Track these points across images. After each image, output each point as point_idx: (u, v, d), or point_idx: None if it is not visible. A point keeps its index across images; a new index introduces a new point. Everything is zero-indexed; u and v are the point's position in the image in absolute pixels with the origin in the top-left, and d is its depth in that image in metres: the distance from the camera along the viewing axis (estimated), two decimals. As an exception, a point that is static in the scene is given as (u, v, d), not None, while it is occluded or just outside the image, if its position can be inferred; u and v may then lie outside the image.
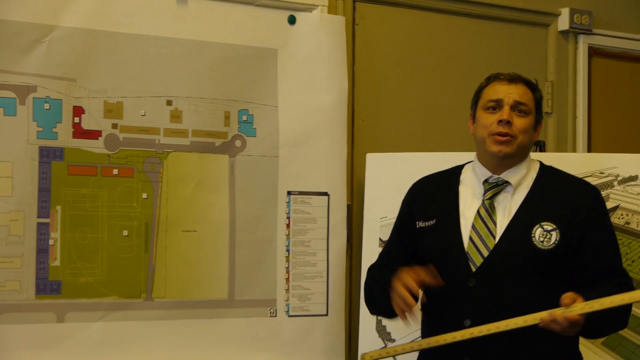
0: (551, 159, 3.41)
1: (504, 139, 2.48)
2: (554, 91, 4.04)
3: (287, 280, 3.18)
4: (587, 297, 2.26)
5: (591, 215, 2.47)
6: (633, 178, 3.23)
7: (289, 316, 3.19)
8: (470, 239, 2.49)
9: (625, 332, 3.10)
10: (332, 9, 3.38)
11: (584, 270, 2.44)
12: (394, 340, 3.17)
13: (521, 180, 2.53)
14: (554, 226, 2.44)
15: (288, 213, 3.20)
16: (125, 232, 2.93)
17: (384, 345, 3.18)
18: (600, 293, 2.29)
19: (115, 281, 2.91)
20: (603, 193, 3.21)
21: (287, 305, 3.19)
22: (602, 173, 3.26)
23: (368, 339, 3.20)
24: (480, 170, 2.57)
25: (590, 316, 2.26)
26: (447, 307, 2.51)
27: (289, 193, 3.21)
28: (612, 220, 3.16)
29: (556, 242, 2.43)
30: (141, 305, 2.95)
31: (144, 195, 2.97)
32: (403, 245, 2.65)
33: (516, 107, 2.50)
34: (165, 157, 3.01)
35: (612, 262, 2.46)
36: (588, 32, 4.09)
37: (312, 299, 3.22)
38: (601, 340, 3.11)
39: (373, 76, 3.58)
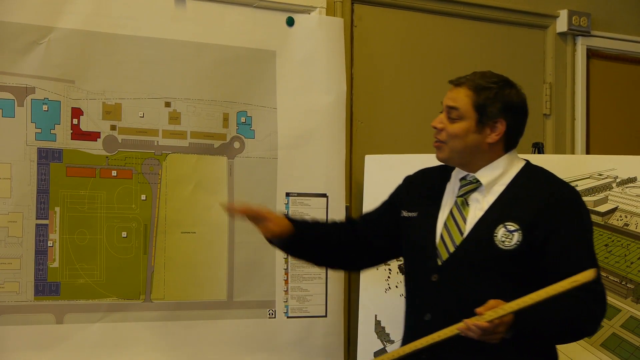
0: (550, 160, 3.42)
1: (436, 144, 2.53)
2: (553, 93, 4.05)
3: (286, 281, 3.18)
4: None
5: (557, 217, 2.44)
6: (632, 180, 3.23)
7: (288, 317, 3.19)
8: (441, 235, 2.52)
9: (625, 334, 3.10)
10: (330, 11, 3.39)
11: (547, 273, 2.40)
12: (392, 342, 3.17)
13: (495, 180, 2.52)
14: (517, 227, 2.43)
15: (287, 214, 3.20)
16: (124, 234, 2.93)
17: (382, 346, 3.18)
18: (555, 300, 2.26)
19: (114, 282, 2.91)
20: (601, 195, 3.21)
21: (286, 306, 3.19)
22: (600, 175, 3.26)
23: (367, 340, 3.20)
24: (460, 168, 2.60)
25: (523, 322, 2.26)
26: (414, 300, 2.58)
27: (287, 194, 3.21)
28: (610, 222, 3.17)
29: (518, 242, 2.42)
30: (140, 306, 2.95)
31: (143, 197, 2.97)
32: (380, 216, 2.72)
33: (449, 112, 2.52)
34: (163, 158, 3.01)
35: (577, 266, 2.35)
36: (586, 34, 4.09)
37: (310, 301, 3.22)
38: (600, 341, 3.11)
39: (371, 78, 3.59)
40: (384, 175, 3.28)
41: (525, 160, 2.61)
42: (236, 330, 3.09)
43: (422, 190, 2.66)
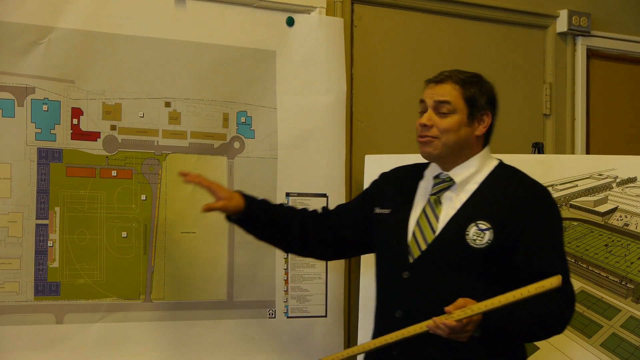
0: (549, 160, 3.42)
1: (425, 140, 2.55)
2: (553, 93, 4.05)
3: (286, 281, 3.18)
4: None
5: (528, 217, 2.47)
6: (632, 180, 3.23)
7: (288, 317, 3.19)
8: (413, 232, 2.54)
9: (625, 334, 3.10)
10: (330, 11, 3.39)
11: (517, 272, 2.44)
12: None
13: (469, 179, 2.56)
14: (489, 225, 2.46)
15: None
16: (124, 234, 2.93)
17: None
18: (524, 300, 2.30)
19: (114, 282, 2.91)
20: (601, 195, 3.21)
21: (286, 306, 3.19)
22: (600, 175, 3.26)
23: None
24: (434, 166, 2.63)
25: (491, 321, 2.30)
26: (384, 296, 2.62)
27: (287, 194, 3.21)
28: (610, 222, 3.17)
29: (489, 241, 2.45)
30: (140, 306, 2.95)
31: (143, 197, 2.97)
32: (353, 209, 2.78)
33: (437, 107, 2.54)
34: (163, 158, 3.01)
35: (547, 266, 2.42)
36: (586, 34, 4.09)
37: (310, 301, 3.22)
38: (600, 341, 3.11)
39: (371, 78, 3.59)
40: (384, 176, 3.29)
41: (498, 159, 2.64)
42: (236, 330, 3.09)
43: (396, 188, 2.70)
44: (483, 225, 2.47)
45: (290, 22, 3.24)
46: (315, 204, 3.25)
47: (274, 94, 3.20)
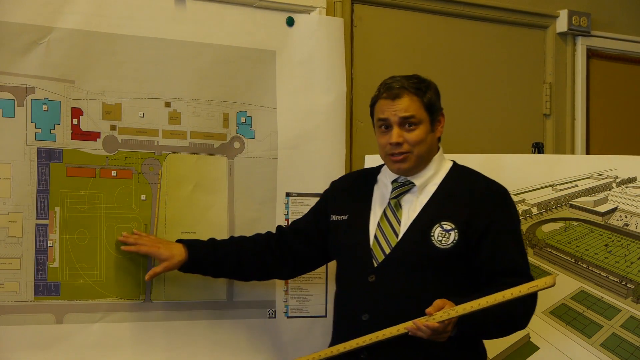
0: (549, 160, 3.42)
1: (400, 157, 2.57)
2: (553, 93, 4.05)
3: (286, 282, 3.18)
4: (458, 303, 2.32)
5: (491, 216, 2.52)
6: (632, 180, 3.23)
7: (288, 317, 3.19)
8: (375, 236, 2.58)
9: (625, 334, 3.10)
10: (330, 11, 3.39)
11: (481, 270, 2.50)
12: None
13: (427, 181, 2.61)
14: (453, 226, 2.50)
15: (287, 214, 3.20)
16: (124, 234, 2.93)
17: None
18: (484, 296, 2.34)
19: (114, 282, 2.90)
20: (601, 195, 3.21)
21: (286, 306, 3.19)
22: (600, 175, 3.26)
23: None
24: (387, 170, 2.67)
25: (467, 320, 2.33)
26: (349, 301, 2.64)
27: (287, 194, 3.21)
28: (610, 222, 3.17)
29: (454, 241, 2.49)
30: (140, 306, 2.94)
31: (143, 197, 2.97)
32: (307, 224, 2.84)
33: (404, 122, 2.56)
34: (163, 158, 3.01)
35: (510, 263, 2.49)
36: (586, 34, 4.09)
37: (310, 301, 3.22)
38: (600, 341, 3.11)
39: (371, 78, 3.58)
40: (384, 175, 3.28)
41: (452, 160, 2.69)
42: (236, 330, 3.09)
43: (351, 194, 2.74)
44: (447, 225, 2.51)
45: (290, 22, 3.24)
46: (315, 204, 3.26)
47: (274, 94, 3.20)
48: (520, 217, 3.19)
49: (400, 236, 2.56)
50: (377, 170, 2.76)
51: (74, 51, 2.87)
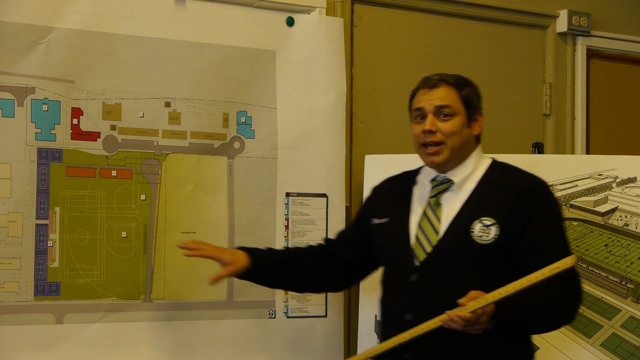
0: (550, 160, 3.42)
1: (433, 150, 2.55)
2: (553, 93, 4.05)
3: (286, 281, 3.18)
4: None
5: (531, 209, 2.48)
6: (632, 180, 3.23)
7: (288, 317, 3.19)
8: (416, 236, 2.56)
9: (625, 334, 3.10)
10: (330, 11, 3.39)
11: (523, 264, 2.44)
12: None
13: (466, 178, 2.58)
14: (493, 221, 2.47)
15: (287, 214, 3.21)
16: (123, 234, 2.93)
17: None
18: (532, 290, 2.31)
19: (114, 282, 2.91)
20: (601, 195, 3.21)
21: (286, 306, 3.19)
22: (600, 175, 3.26)
23: (367, 340, 3.20)
24: (429, 169, 2.64)
25: (503, 312, 2.30)
26: (392, 301, 2.62)
27: (287, 194, 3.21)
28: (610, 222, 3.17)
29: (495, 237, 2.46)
30: (140, 306, 2.95)
31: (143, 197, 2.97)
32: (353, 231, 2.81)
33: (439, 112, 2.55)
34: (163, 158, 3.01)
35: (552, 257, 2.39)
36: (586, 34, 4.09)
37: (310, 301, 3.22)
38: (600, 341, 3.11)
39: (371, 78, 3.59)
40: (384, 175, 3.27)
41: (491, 158, 2.66)
42: (236, 330, 3.09)
43: (391, 197, 2.72)
44: (488, 221, 2.48)
45: (290, 22, 3.24)
46: (315, 204, 3.26)
47: (274, 94, 3.20)
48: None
49: (440, 234, 2.52)
50: (416, 172, 2.72)
51: (74, 51, 2.87)
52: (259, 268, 2.72)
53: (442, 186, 2.58)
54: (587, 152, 4.09)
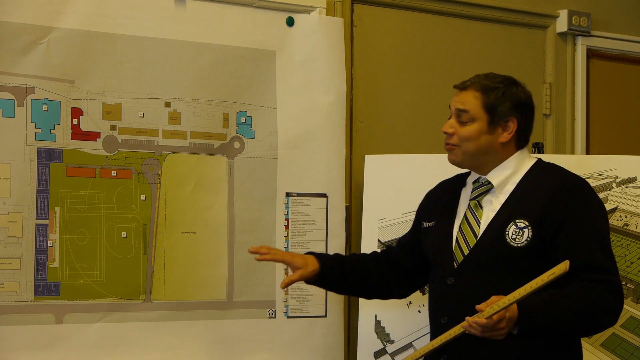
0: (550, 160, 3.41)
1: (448, 147, 2.56)
2: (553, 93, 4.05)
3: (286, 282, 3.18)
4: (523, 301, 2.25)
5: (566, 209, 2.42)
6: (632, 180, 3.23)
7: (288, 317, 3.19)
8: (457, 238, 2.54)
9: (625, 334, 3.10)
10: (330, 11, 3.39)
11: None
12: (392, 342, 3.17)
13: (506, 180, 2.54)
14: (527, 223, 2.43)
15: (287, 214, 3.21)
16: (123, 234, 2.93)
17: (382, 346, 3.18)
18: (564, 291, 2.31)
19: (114, 282, 2.91)
20: (601, 195, 3.21)
21: (286, 306, 3.19)
22: (600, 175, 3.26)
23: (367, 340, 3.20)
24: (473, 172, 2.62)
25: (527, 317, 2.27)
26: (433, 304, 2.62)
27: (287, 194, 3.21)
28: (610, 222, 3.17)
29: (529, 239, 2.42)
30: (140, 306, 2.95)
31: (143, 197, 2.97)
32: (409, 236, 2.81)
33: (459, 115, 2.54)
34: (163, 158, 3.01)
35: (589, 259, 2.38)
36: (586, 34, 4.09)
37: (310, 301, 3.22)
38: (600, 341, 3.11)
39: (371, 78, 3.59)
40: (384, 175, 3.29)
41: (537, 158, 2.62)
42: (236, 330, 3.09)
43: (440, 200, 2.70)
44: (521, 223, 2.44)
45: (290, 22, 3.24)
46: (316, 204, 3.26)
47: (274, 94, 3.20)
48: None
49: (479, 237, 2.50)
50: (468, 173, 2.69)
51: (74, 51, 2.87)
52: (328, 273, 2.70)
53: (482, 188, 2.55)
54: (587, 152, 4.09)
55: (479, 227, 2.51)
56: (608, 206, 3.22)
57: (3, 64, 2.78)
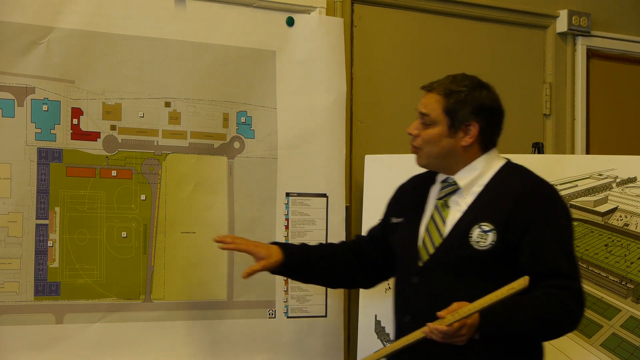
0: (550, 160, 3.42)
1: (413, 149, 2.59)
2: (553, 93, 4.05)
3: (286, 281, 3.18)
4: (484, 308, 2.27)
5: (531, 215, 2.44)
6: (631, 180, 3.23)
7: (288, 317, 3.19)
8: (423, 237, 2.56)
9: (625, 334, 3.10)
10: (330, 11, 3.39)
11: (522, 272, 2.37)
12: (392, 341, 3.17)
13: (473, 181, 2.55)
14: (492, 227, 2.45)
15: (287, 214, 3.21)
16: (123, 234, 2.93)
17: (382, 346, 3.18)
18: (526, 298, 2.32)
19: (114, 282, 2.91)
20: (601, 195, 3.21)
21: (286, 306, 3.19)
22: (600, 175, 3.26)
23: (367, 340, 3.20)
24: (439, 171, 2.64)
25: (488, 323, 2.29)
26: (397, 302, 2.63)
27: (287, 194, 3.21)
28: (610, 222, 3.17)
29: (493, 242, 2.43)
30: (140, 306, 2.95)
31: (143, 197, 2.97)
32: (379, 228, 2.81)
33: (422, 118, 2.57)
34: (163, 158, 3.01)
35: (551, 264, 2.41)
36: (586, 34, 4.09)
37: (310, 301, 3.22)
38: (600, 341, 3.11)
39: (371, 78, 3.59)
40: (384, 175, 3.29)
41: (506, 159, 2.63)
42: (236, 330, 3.09)
43: (409, 196, 2.72)
44: (486, 226, 2.45)
45: (290, 22, 3.24)
46: (315, 204, 3.26)
47: (274, 94, 3.20)
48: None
49: (444, 237, 2.52)
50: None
51: (74, 51, 2.87)
52: (292, 263, 2.72)
53: (449, 188, 2.57)
54: (587, 152, 4.09)
55: (445, 227, 2.53)
56: (608, 206, 3.22)
57: (3, 64, 2.78)
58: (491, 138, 2.60)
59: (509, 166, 2.60)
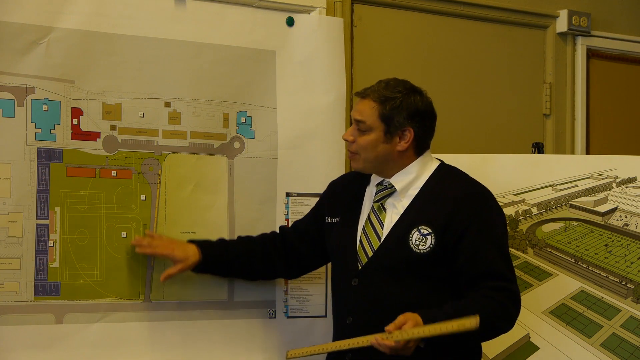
0: (550, 160, 3.42)
1: (350, 156, 2.66)
2: (553, 93, 4.05)
3: (286, 281, 3.17)
4: (425, 315, 2.33)
5: (469, 218, 2.50)
6: (631, 180, 3.23)
7: (288, 317, 3.19)
8: (360, 239, 2.61)
9: (625, 334, 3.10)
10: (330, 11, 3.39)
11: (461, 274, 2.49)
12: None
13: (409, 184, 2.61)
14: (430, 230, 2.51)
15: (287, 214, 3.20)
16: (123, 234, 2.93)
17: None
18: (465, 302, 2.39)
19: (114, 282, 2.90)
20: (601, 195, 3.21)
21: (286, 306, 3.19)
22: (600, 175, 3.26)
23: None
24: (376, 175, 2.69)
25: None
26: (337, 303, 2.71)
27: (287, 194, 3.21)
28: (610, 222, 3.17)
29: (431, 245, 2.49)
30: (140, 306, 2.94)
31: (142, 197, 2.97)
32: (309, 223, 2.87)
33: (357, 124, 2.62)
34: (163, 158, 3.01)
35: (489, 266, 2.47)
36: (586, 34, 4.10)
37: (311, 301, 3.22)
38: (600, 341, 3.11)
39: (371, 78, 3.56)
40: (384, 175, 3.29)
41: (439, 160, 2.68)
42: (236, 330, 3.09)
43: (344, 196, 2.77)
44: (425, 230, 2.51)
45: (290, 22, 3.24)
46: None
47: (274, 94, 3.20)
48: (520, 217, 3.20)
49: (382, 239, 2.57)
50: None
51: (74, 51, 2.87)
52: (210, 261, 2.82)
53: (385, 191, 2.63)
54: (587, 152, 4.09)
55: (382, 229, 2.58)
56: (608, 206, 3.22)
57: (3, 64, 2.77)
58: (425, 141, 2.66)
59: (443, 168, 2.66)
